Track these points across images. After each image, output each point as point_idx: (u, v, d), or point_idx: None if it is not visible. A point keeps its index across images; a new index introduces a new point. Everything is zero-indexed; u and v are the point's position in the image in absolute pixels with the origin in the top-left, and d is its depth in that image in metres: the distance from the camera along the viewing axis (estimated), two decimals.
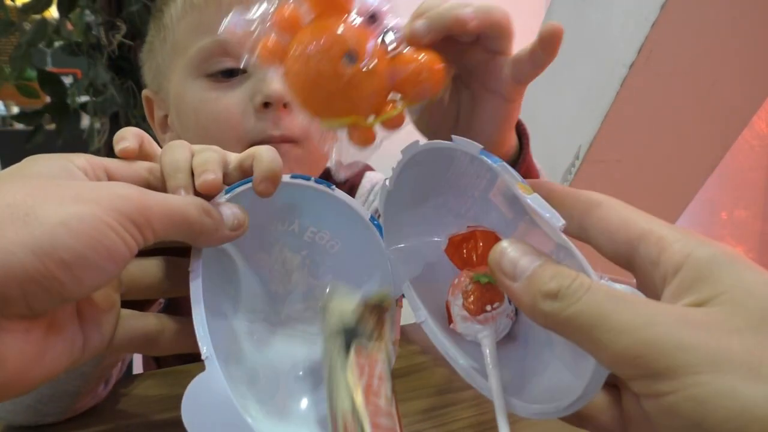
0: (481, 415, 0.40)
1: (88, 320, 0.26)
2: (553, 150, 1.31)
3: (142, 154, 0.31)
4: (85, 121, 1.53)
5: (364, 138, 0.32)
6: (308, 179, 0.33)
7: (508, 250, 0.22)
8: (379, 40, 0.31)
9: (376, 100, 0.31)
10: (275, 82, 0.48)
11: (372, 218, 0.33)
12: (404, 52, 0.32)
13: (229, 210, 0.28)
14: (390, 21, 0.32)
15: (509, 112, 0.40)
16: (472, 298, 0.30)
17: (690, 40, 1.10)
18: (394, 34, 0.32)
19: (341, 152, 0.33)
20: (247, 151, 0.30)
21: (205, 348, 0.24)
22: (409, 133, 0.35)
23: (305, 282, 0.35)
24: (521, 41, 0.40)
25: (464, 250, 0.32)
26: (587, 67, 1.20)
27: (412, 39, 0.31)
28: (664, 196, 1.37)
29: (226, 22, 0.32)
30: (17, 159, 0.28)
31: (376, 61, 0.30)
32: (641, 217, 0.23)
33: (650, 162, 1.28)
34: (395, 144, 0.34)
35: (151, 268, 0.30)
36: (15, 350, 0.21)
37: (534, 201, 0.24)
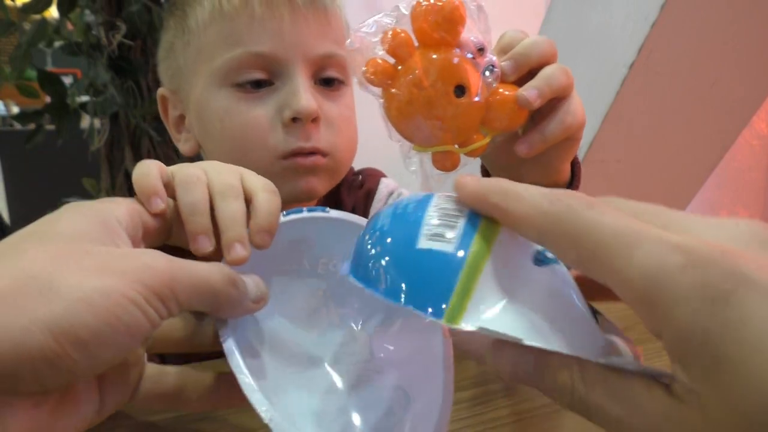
0: (518, 405, 0.39)
1: (108, 380, 0.25)
2: None
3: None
4: (85, 121, 1.53)
5: (450, 164, 0.35)
6: (300, 211, 0.32)
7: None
8: (483, 74, 0.34)
9: (472, 131, 0.34)
10: (304, 98, 0.48)
11: None
12: (494, 86, 0.35)
13: (251, 281, 0.27)
14: (489, 56, 0.35)
15: (574, 148, 0.41)
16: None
17: (690, 40, 1.10)
18: (493, 70, 0.34)
19: (425, 172, 0.35)
20: (255, 192, 0.30)
21: (267, 414, 0.24)
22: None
23: (335, 314, 0.33)
24: None
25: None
26: (587, 67, 1.20)
27: (503, 76, 0.35)
28: (664, 196, 1.37)
29: (350, 33, 0.33)
30: (17, 159, 0.27)
31: (482, 94, 0.33)
32: None
33: (650, 162, 1.28)
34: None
35: (178, 323, 0.29)
36: (21, 427, 0.20)
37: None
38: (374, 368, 0.32)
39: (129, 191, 1.78)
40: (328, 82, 0.52)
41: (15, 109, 2.96)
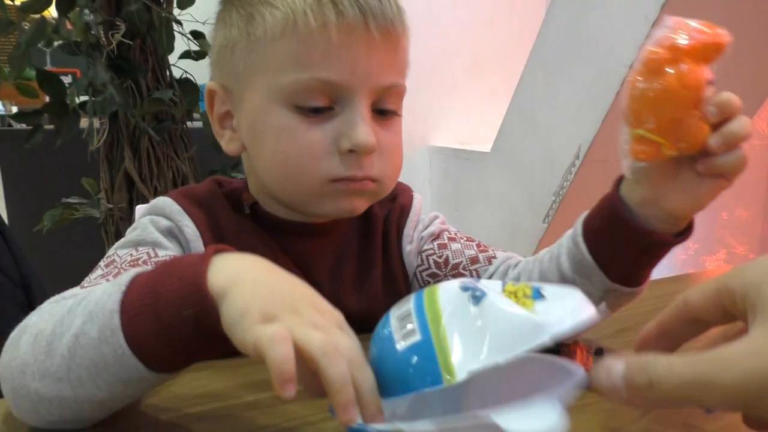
0: None
1: None
2: (554, 150, 1.31)
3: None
4: (85, 120, 1.53)
5: (652, 156, 0.42)
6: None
7: (600, 370, 0.29)
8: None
9: (690, 138, 0.42)
10: (364, 132, 0.48)
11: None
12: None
13: None
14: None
15: (717, 193, 0.46)
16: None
17: None
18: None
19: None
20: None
21: None
22: None
23: None
24: (521, 41, 0.41)
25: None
26: (587, 67, 1.20)
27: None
28: None
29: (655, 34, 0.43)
30: (16, 159, 0.27)
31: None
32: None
33: None
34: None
35: None
36: None
37: None
38: None
39: (128, 191, 1.77)
40: (383, 112, 0.52)
41: (14, 109, 2.96)
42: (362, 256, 0.60)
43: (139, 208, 0.61)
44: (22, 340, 0.37)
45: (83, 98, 1.48)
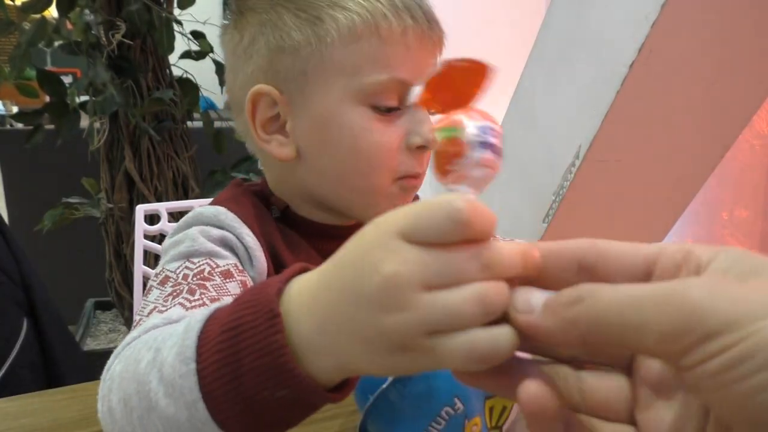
0: None
1: None
2: (553, 150, 1.31)
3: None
4: (85, 120, 1.53)
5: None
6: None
7: (517, 292, 0.22)
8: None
9: None
10: (431, 129, 0.51)
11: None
12: None
13: None
14: None
15: None
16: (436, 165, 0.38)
17: (690, 40, 1.10)
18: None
19: None
20: None
21: None
22: None
23: None
24: (521, 41, 0.41)
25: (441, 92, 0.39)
26: (587, 67, 1.19)
27: None
28: (664, 196, 1.37)
29: None
30: (16, 159, 0.26)
31: None
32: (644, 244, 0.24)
33: (650, 162, 1.28)
34: None
35: None
36: None
37: None
38: None
39: (128, 191, 1.78)
40: None
41: (14, 109, 2.96)
42: None
43: (185, 221, 0.53)
44: (113, 399, 0.33)
45: (83, 98, 1.48)
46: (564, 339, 0.21)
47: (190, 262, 0.48)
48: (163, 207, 0.89)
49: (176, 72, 1.55)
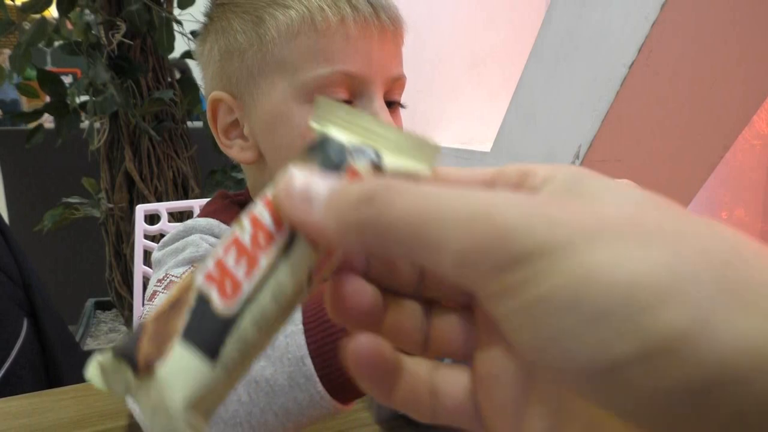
0: None
1: None
2: (553, 149, 1.31)
3: None
4: (85, 120, 1.53)
5: None
6: None
7: (295, 174, 0.17)
8: None
9: None
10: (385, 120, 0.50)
11: None
12: None
13: None
14: None
15: None
16: None
17: (690, 40, 1.10)
18: None
19: None
20: None
21: None
22: None
23: None
24: (521, 41, 0.40)
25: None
26: (587, 67, 1.20)
27: None
28: (664, 196, 1.37)
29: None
30: (17, 159, 0.26)
31: None
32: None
33: (650, 162, 1.28)
34: None
35: None
36: None
37: None
38: None
39: (128, 191, 1.77)
40: (390, 103, 0.53)
41: None
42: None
43: (180, 232, 0.54)
44: None
45: (83, 98, 1.48)
46: (346, 245, 0.17)
47: (195, 267, 0.48)
48: (163, 207, 0.89)
49: (176, 72, 1.55)
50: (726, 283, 0.13)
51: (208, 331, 0.16)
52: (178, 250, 0.49)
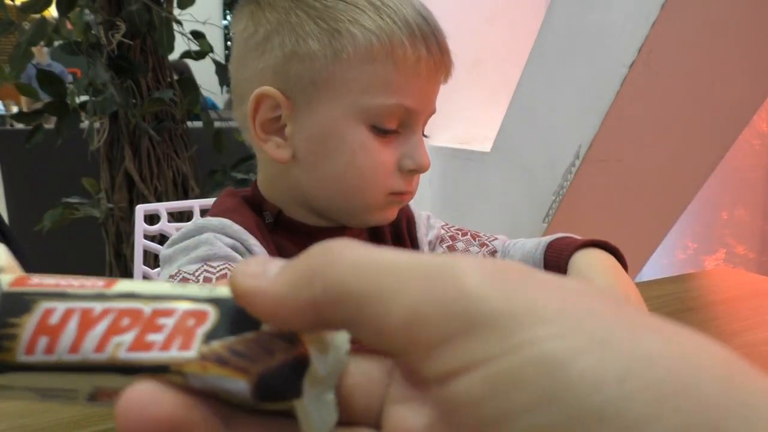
0: None
1: None
2: (553, 150, 1.31)
3: None
4: (85, 120, 1.53)
5: None
6: None
7: (253, 259, 0.16)
8: None
9: None
10: (425, 155, 0.54)
11: None
12: None
13: None
14: None
15: None
16: None
17: (690, 40, 1.10)
18: None
19: None
20: None
21: None
22: None
23: None
24: (521, 41, 0.40)
25: None
26: (587, 67, 1.20)
27: None
28: (664, 196, 1.37)
29: None
30: (17, 159, 0.26)
31: None
32: None
33: (650, 162, 1.28)
34: None
35: None
36: None
37: None
38: None
39: (128, 191, 1.77)
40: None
41: (14, 109, 2.96)
42: None
43: (192, 230, 0.53)
44: None
45: (83, 98, 1.48)
46: (294, 303, 0.15)
47: (209, 265, 0.48)
48: (163, 207, 0.89)
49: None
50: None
51: None
52: (190, 248, 0.49)
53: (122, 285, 0.16)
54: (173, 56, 1.50)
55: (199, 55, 1.53)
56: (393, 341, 0.14)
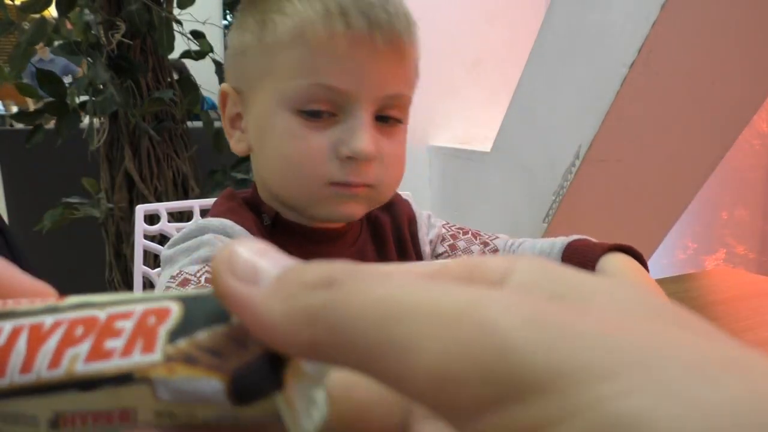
0: None
1: None
2: (553, 150, 1.31)
3: None
4: (85, 120, 1.53)
5: None
6: None
7: (240, 250, 0.14)
8: None
9: None
10: (364, 140, 0.50)
11: None
12: None
13: None
14: None
15: None
16: None
17: (690, 40, 1.10)
18: None
19: None
20: None
21: None
22: None
23: None
24: (521, 41, 0.40)
25: None
26: (587, 67, 1.20)
27: None
28: (664, 196, 1.37)
29: None
30: (16, 159, 0.26)
31: None
32: None
33: (650, 162, 1.28)
34: None
35: None
36: None
37: None
38: None
39: (128, 191, 1.77)
40: (386, 119, 0.54)
41: (14, 109, 2.96)
42: (381, 261, 0.61)
43: (192, 231, 0.53)
44: None
45: (83, 98, 1.48)
46: (291, 338, 0.12)
47: (209, 266, 0.48)
48: (163, 207, 0.89)
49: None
50: None
51: None
52: (191, 249, 0.50)
53: (75, 297, 0.15)
54: (173, 56, 1.50)
55: (199, 55, 1.53)
56: (418, 397, 0.11)
